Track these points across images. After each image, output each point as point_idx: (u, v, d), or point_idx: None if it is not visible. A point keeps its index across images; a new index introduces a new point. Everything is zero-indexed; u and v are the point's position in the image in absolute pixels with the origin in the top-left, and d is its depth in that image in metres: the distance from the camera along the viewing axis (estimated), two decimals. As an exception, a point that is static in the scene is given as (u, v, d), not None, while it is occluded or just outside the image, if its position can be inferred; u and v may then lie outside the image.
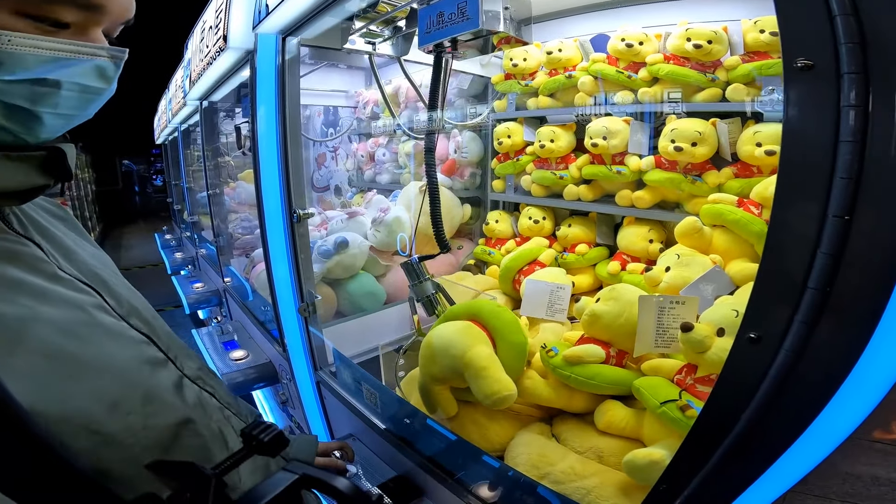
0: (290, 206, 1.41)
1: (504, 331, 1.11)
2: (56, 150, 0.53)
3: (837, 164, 0.42)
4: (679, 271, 1.18)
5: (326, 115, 2.90)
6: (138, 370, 0.54)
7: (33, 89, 0.48)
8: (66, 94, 0.51)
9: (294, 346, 1.61)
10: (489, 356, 1.04)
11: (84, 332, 0.50)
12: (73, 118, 0.54)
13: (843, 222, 0.42)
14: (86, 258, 0.61)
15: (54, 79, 0.49)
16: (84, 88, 0.52)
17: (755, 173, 1.25)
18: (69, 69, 0.50)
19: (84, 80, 0.52)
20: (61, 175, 0.54)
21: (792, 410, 0.51)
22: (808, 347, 0.46)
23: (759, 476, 0.58)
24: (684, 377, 0.91)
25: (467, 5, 0.93)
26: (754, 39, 1.24)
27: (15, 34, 0.45)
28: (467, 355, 1.04)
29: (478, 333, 1.11)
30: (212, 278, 3.34)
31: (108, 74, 0.54)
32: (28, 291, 0.49)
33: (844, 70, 0.41)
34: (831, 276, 0.43)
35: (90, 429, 0.46)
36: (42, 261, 0.53)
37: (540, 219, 1.76)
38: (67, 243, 0.60)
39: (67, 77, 0.50)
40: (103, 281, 0.60)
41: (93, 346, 0.50)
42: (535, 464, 0.98)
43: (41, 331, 0.47)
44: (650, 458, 0.83)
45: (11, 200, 0.52)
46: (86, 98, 0.53)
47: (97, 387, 0.48)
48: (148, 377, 0.54)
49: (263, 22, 1.27)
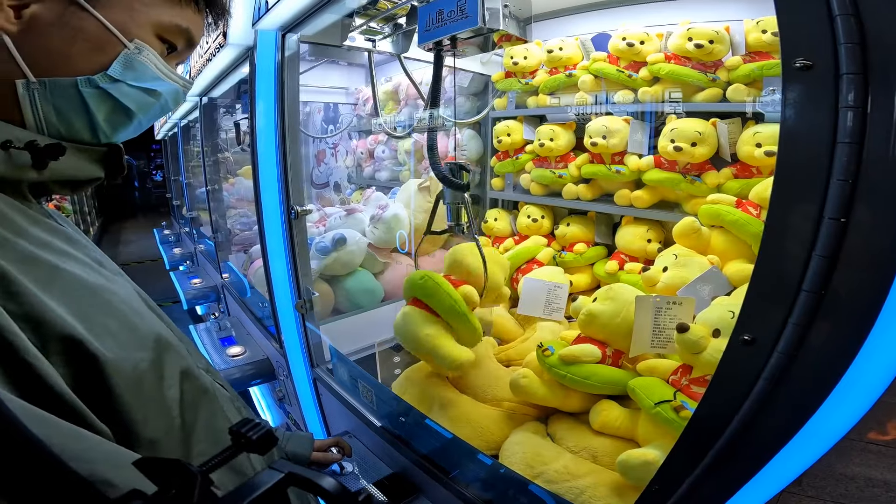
0: (289, 202, 1.41)
1: (439, 306, 1.19)
2: (114, 147, 0.58)
3: (834, 165, 0.41)
4: (676, 271, 1.17)
5: (326, 111, 2.89)
6: (177, 346, 0.56)
7: (143, 96, 0.57)
8: (157, 107, 0.60)
9: (291, 343, 1.61)
10: (433, 335, 1.16)
11: (137, 307, 0.54)
12: (142, 128, 0.61)
13: (838, 224, 0.42)
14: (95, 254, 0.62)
15: (160, 91, 0.58)
16: (165, 105, 0.61)
17: (754, 174, 1.25)
18: (165, 87, 0.59)
19: (169, 98, 0.61)
20: (116, 170, 0.59)
21: (785, 412, 0.51)
22: (802, 350, 0.46)
23: (752, 477, 0.58)
24: (679, 378, 0.91)
25: (467, 3, 0.93)
26: (756, 40, 1.23)
27: (152, 51, 0.56)
28: (418, 342, 1.18)
29: (418, 316, 1.21)
30: (210, 274, 3.33)
31: (179, 99, 0.63)
32: (82, 263, 0.51)
33: (843, 70, 0.40)
34: (826, 279, 0.43)
35: (150, 396, 0.49)
36: (83, 245, 0.56)
37: (538, 217, 1.75)
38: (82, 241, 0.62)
39: (165, 93, 0.59)
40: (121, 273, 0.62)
41: (146, 317, 0.54)
42: (530, 463, 0.98)
43: (115, 300, 0.50)
44: (644, 459, 0.83)
45: (64, 189, 0.56)
46: (161, 113, 0.62)
47: (153, 357, 0.51)
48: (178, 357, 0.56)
49: (263, 18, 1.27)
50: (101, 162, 0.57)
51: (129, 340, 0.49)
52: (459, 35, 1.00)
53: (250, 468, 0.61)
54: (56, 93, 0.51)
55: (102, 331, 0.46)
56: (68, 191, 0.57)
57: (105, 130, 0.56)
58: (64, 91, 0.51)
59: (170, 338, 0.56)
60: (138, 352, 0.49)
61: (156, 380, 0.50)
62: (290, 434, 1.02)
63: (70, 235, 0.54)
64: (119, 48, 0.53)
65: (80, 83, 0.51)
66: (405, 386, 1.30)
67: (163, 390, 0.51)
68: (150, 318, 0.55)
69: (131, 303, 0.53)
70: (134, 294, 0.57)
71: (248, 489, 0.30)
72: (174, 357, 0.54)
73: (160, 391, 0.50)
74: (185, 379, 0.54)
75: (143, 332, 0.51)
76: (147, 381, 0.49)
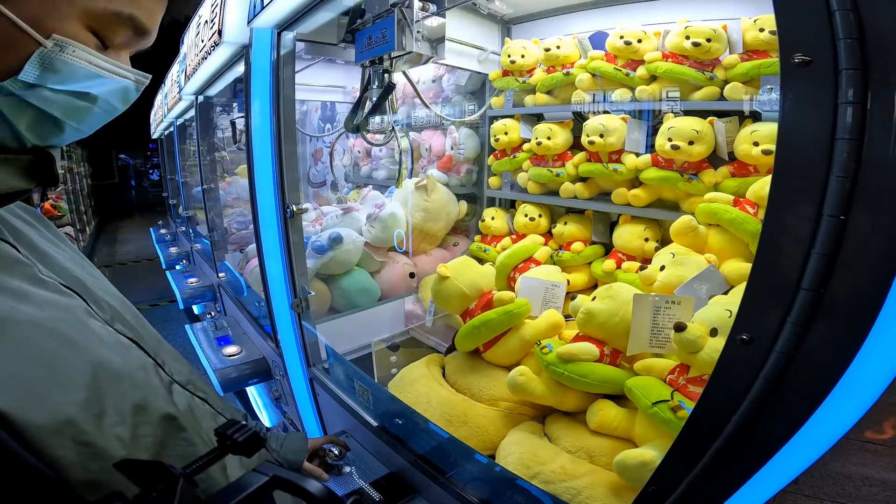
0: (284, 201, 1.40)
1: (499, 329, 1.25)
2: (43, 154, 0.50)
3: (834, 162, 0.41)
4: (674, 270, 1.17)
5: (323, 110, 2.88)
6: (130, 376, 0.51)
7: (73, 102, 0.49)
8: (96, 111, 0.51)
9: (287, 343, 1.60)
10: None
11: (72, 335, 0.47)
12: (82, 133, 0.53)
13: (838, 222, 0.41)
14: (64, 262, 0.58)
15: (94, 94, 0.49)
16: (108, 107, 0.53)
17: (752, 172, 1.24)
18: (105, 87, 0.50)
19: (112, 98, 0.52)
20: (46, 180, 0.51)
21: (783, 413, 0.50)
22: (800, 349, 0.45)
23: (749, 478, 0.58)
24: (676, 377, 0.91)
25: (388, 31, 1.13)
26: (754, 38, 1.23)
27: (80, 46, 0.46)
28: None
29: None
30: (206, 273, 3.32)
31: (129, 97, 0.55)
32: (11, 294, 0.45)
33: (843, 66, 0.40)
34: (825, 278, 0.42)
35: (79, 440, 0.42)
36: (20, 262, 0.49)
37: (536, 216, 1.75)
38: (44, 247, 0.57)
39: (103, 94, 0.51)
40: (84, 285, 0.57)
41: (81, 349, 0.47)
42: (526, 463, 0.98)
43: (24, 331, 0.44)
44: (641, 459, 0.82)
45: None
46: (104, 117, 0.54)
47: (88, 396, 0.45)
48: (142, 383, 0.52)
49: (258, 16, 1.26)
50: (28, 172, 0.50)
51: (49, 383, 0.43)
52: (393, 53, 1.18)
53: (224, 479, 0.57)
54: None
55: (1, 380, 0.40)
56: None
57: (31, 140, 0.48)
58: None
59: (121, 365, 0.50)
60: (63, 394, 0.43)
61: (91, 419, 0.44)
62: (284, 436, 1.00)
63: (9, 255, 0.48)
64: (31, 47, 0.44)
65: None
66: (401, 385, 1.30)
67: (102, 429, 0.45)
68: (92, 345, 0.49)
69: (65, 332, 0.47)
70: (76, 317, 0.50)
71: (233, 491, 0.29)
72: (124, 389, 0.48)
73: (99, 430, 0.45)
74: (139, 412, 0.49)
75: (75, 366, 0.45)
76: (76, 425, 0.43)
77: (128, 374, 0.50)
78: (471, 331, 1.24)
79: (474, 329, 1.23)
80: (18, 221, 0.58)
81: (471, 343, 1.27)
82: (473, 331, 1.23)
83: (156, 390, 0.54)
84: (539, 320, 1.25)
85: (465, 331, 1.26)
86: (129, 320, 0.59)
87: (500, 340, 1.24)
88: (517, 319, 1.23)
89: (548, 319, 1.24)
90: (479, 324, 1.22)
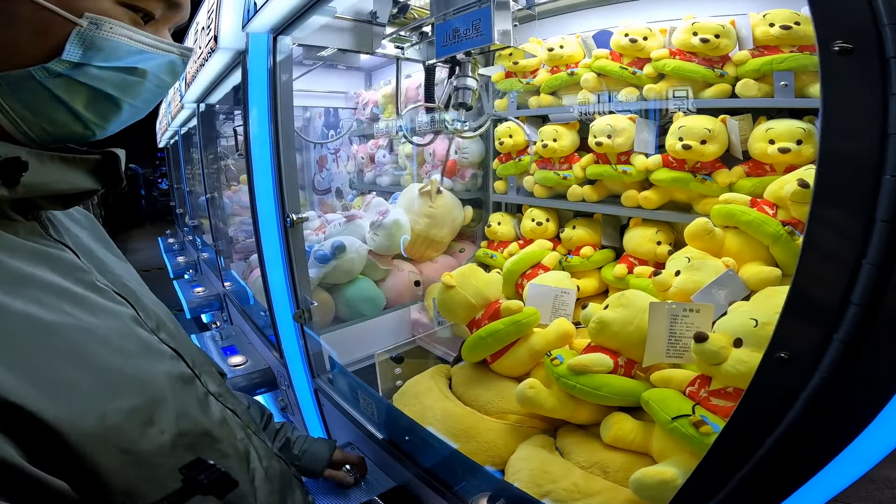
0: (284, 210, 1.37)
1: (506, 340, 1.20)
2: (110, 154, 0.52)
3: (886, 160, 0.36)
4: (690, 275, 1.12)
5: (327, 116, 2.86)
6: (172, 386, 0.52)
7: (124, 77, 0.50)
8: (148, 86, 0.52)
9: (291, 353, 1.58)
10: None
11: (125, 345, 0.49)
12: (141, 112, 0.54)
13: (893, 227, 0.36)
14: (115, 269, 0.59)
15: (143, 69, 0.51)
16: (159, 82, 0.53)
17: (768, 172, 1.20)
18: (152, 62, 0.51)
19: (161, 73, 0.53)
20: (112, 181, 0.53)
21: (823, 437, 0.46)
22: (848, 370, 0.40)
23: (781, 502, 0.53)
24: (697, 390, 0.86)
25: (481, 23, 1.02)
26: (764, 33, 1.18)
27: (116, 23, 0.47)
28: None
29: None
30: (213, 282, 3.31)
31: (177, 70, 0.55)
32: (71, 299, 0.47)
33: (890, 54, 0.35)
34: (879, 291, 0.38)
35: (122, 447, 0.43)
36: (80, 269, 0.51)
37: (543, 220, 1.71)
38: (100, 253, 0.59)
39: (151, 69, 0.52)
40: (134, 293, 0.58)
41: (133, 359, 0.49)
42: (537, 480, 0.93)
43: (76, 337, 0.45)
44: (660, 478, 0.77)
45: (55, 205, 0.51)
46: (157, 92, 0.54)
47: (135, 403, 0.46)
48: (181, 394, 0.52)
49: (252, 21, 1.23)
50: (95, 172, 0.52)
51: (98, 389, 0.44)
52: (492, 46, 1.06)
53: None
54: (15, 87, 0.45)
55: (52, 386, 0.41)
56: (60, 206, 0.51)
57: (93, 121, 0.50)
58: (23, 84, 0.45)
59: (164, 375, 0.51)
60: (111, 401, 0.44)
61: (138, 427, 0.45)
62: (310, 441, 0.99)
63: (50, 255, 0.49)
64: (68, 27, 0.45)
65: (35, 74, 0.45)
66: (407, 398, 1.26)
67: (148, 437, 0.46)
68: (139, 353, 0.50)
69: (115, 340, 0.48)
70: (126, 326, 0.51)
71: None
72: (167, 398, 0.50)
73: (144, 439, 0.46)
74: (181, 422, 0.50)
75: (123, 375, 0.46)
76: (121, 433, 0.44)
77: (171, 385, 0.51)
78: (477, 342, 1.20)
79: (481, 340, 1.19)
80: (76, 226, 0.59)
81: (478, 354, 1.23)
82: (480, 342, 1.19)
83: (194, 402, 0.55)
84: (549, 329, 1.21)
85: (471, 342, 1.22)
86: (171, 329, 0.60)
87: (509, 351, 1.20)
88: (526, 329, 1.19)
89: (558, 328, 1.20)
90: (486, 335, 1.18)
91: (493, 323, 1.20)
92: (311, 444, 0.98)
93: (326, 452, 1.01)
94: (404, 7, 1.27)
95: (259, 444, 0.67)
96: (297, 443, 0.97)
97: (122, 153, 0.54)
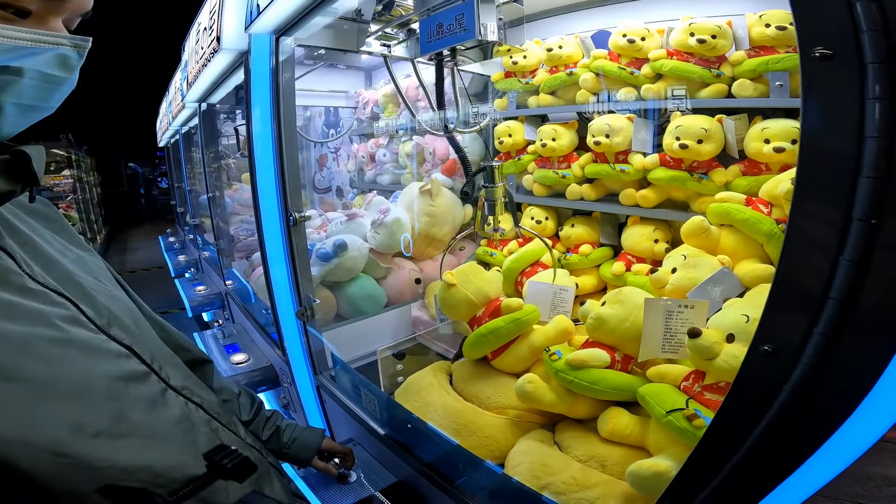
0: (287, 209, 1.39)
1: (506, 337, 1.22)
2: (19, 154, 0.50)
3: (863, 162, 0.38)
4: (686, 272, 1.14)
5: (327, 115, 2.88)
6: (109, 388, 0.51)
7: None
8: (29, 83, 0.49)
9: (294, 351, 1.59)
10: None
11: (49, 351, 0.48)
12: (35, 109, 0.51)
13: (868, 226, 0.38)
14: (67, 265, 0.58)
15: (16, 66, 0.47)
16: (46, 78, 0.50)
17: (763, 171, 1.21)
18: (32, 58, 0.48)
19: (47, 68, 0.50)
20: (27, 180, 0.51)
21: (807, 427, 0.48)
22: (829, 361, 0.42)
23: (770, 492, 0.55)
24: (691, 384, 0.88)
25: (465, 17, 0.99)
26: (760, 34, 1.20)
27: None
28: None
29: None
30: (214, 281, 3.33)
31: (70, 63, 0.52)
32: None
33: (868, 60, 0.37)
34: (856, 286, 0.39)
35: (55, 451, 0.43)
36: (11, 272, 0.50)
37: (542, 219, 1.72)
38: (47, 250, 0.58)
39: (30, 66, 0.48)
40: (83, 290, 0.57)
41: (58, 365, 0.48)
42: (536, 473, 0.95)
43: (8, 351, 0.44)
44: (655, 469, 0.80)
45: None
46: (48, 88, 0.51)
47: (60, 408, 0.45)
48: (122, 394, 0.52)
49: (256, 22, 1.25)
50: (7, 174, 0.50)
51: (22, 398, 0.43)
52: (459, 46, 1.05)
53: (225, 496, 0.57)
54: None
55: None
56: None
57: None
58: None
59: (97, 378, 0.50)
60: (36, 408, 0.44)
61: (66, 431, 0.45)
62: (300, 430, 0.99)
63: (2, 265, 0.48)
64: None
65: None
66: (408, 394, 1.28)
67: (80, 440, 0.46)
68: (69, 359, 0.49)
69: (39, 346, 0.47)
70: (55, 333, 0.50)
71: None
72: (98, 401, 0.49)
73: (76, 441, 0.46)
74: (117, 423, 0.50)
75: (45, 382, 0.46)
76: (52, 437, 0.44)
77: (108, 386, 0.50)
78: (478, 339, 1.22)
79: (482, 338, 1.21)
80: (26, 225, 0.58)
81: (479, 351, 1.24)
82: (481, 339, 1.21)
83: (139, 402, 0.54)
84: (548, 327, 1.22)
85: (472, 339, 1.24)
86: (128, 325, 0.59)
87: (509, 348, 1.22)
88: (526, 327, 1.20)
89: (557, 325, 1.22)
90: (487, 332, 1.20)
91: (494, 320, 1.22)
92: (301, 433, 0.98)
93: (315, 441, 1.00)
94: (389, 4, 1.26)
95: (229, 436, 0.66)
96: (286, 431, 0.96)
97: (36, 151, 0.52)
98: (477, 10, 0.97)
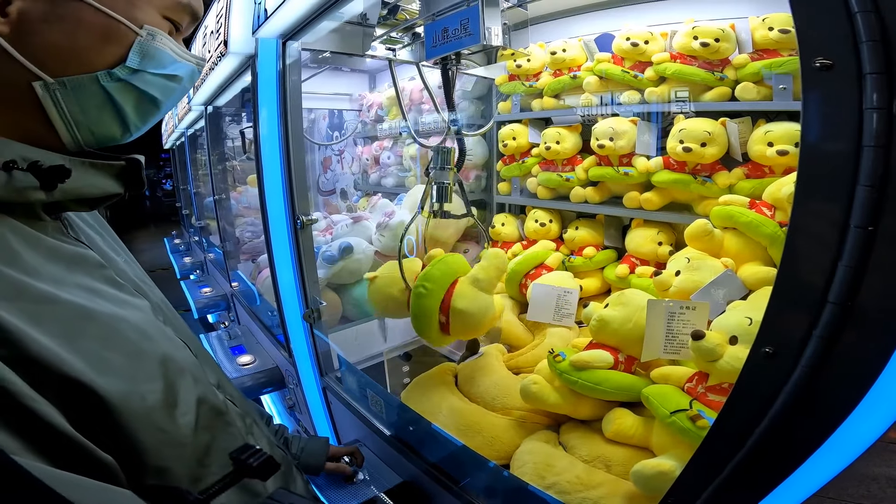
0: (294, 212, 1.40)
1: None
2: (133, 161, 0.56)
3: (860, 170, 0.39)
4: (689, 275, 1.15)
5: (331, 118, 2.90)
6: (192, 372, 0.55)
7: (165, 83, 0.56)
8: (179, 89, 0.59)
9: (300, 352, 1.61)
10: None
11: (148, 330, 0.51)
12: (164, 113, 0.60)
13: (865, 233, 0.39)
14: (124, 268, 0.62)
15: (179, 75, 0.57)
16: (184, 89, 0.60)
17: (767, 174, 1.22)
18: (184, 69, 0.58)
19: (187, 80, 0.59)
20: (134, 185, 0.57)
21: (807, 427, 0.49)
22: (827, 363, 0.43)
23: (771, 490, 0.56)
24: (695, 385, 0.89)
25: (469, 22, 1.00)
26: (763, 37, 1.21)
27: (164, 35, 0.54)
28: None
29: None
30: (220, 283, 3.35)
31: (195, 78, 0.61)
32: (90, 291, 0.49)
33: (866, 70, 0.38)
34: (853, 290, 0.41)
35: (158, 426, 0.46)
36: (101, 266, 0.54)
37: (546, 221, 1.73)
38: (111, 254, 0.62)
39: (184, 75, 0.58)
40: (143, 289, 0.60)
41: (156, 344, 0.51)
42: (541, 473, 0.96)
43: (110, 323, 0.47)
44: (659, 469, 0.80)
45: (82, 207, 0.54)
46: (180, 96, 0.61)
47: (164, 385, 0.49)
48: (201, 379, 0.55)
49: (263, 26, 1.27)
50: (119, 177, 0.55)
51: (137, 372, 0.47)
52: (463, 50, 1.06)
53: (262, 488, 0.60)
54: (79, 91, 0.49)
55: (104, 365, 0.44)
56: (86, 207, 0.55)
57: (135, 122, 0.55)
58: (86, 88, 0.49)
59: (184, 361, 0.54)
60: (147, 383, 0.47)
61: (167, 408, 0.48)
62: (306, 439, 1.02)
63: (77, 255, 0.52)
64: (131, 37, 0.51)
65: (101, 78, 0.50)
66: (414, 395, 1.29)
67: (175, 419, 0.49)
68: (163, 341, 0.53)
69: (144, 328, 0.51)
70: (149, 317, 0.55)
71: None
72: (189, 382, 0.52)
73: (173, 420, 0.49)
74: (201, 404, 0.53)
75: (154, 359, 0.50)
76: (157, 412, 0.47)
77: (189, 371, 0.54)
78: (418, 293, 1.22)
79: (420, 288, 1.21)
80: (84, 225, 0.62)
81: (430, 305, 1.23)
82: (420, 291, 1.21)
83: (209, 387, 0.57)
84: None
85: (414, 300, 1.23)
86: (176, 324, 0.63)
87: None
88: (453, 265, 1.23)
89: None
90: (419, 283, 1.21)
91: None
92: (307, 443, 1.01)
93: (323, 448, 1.04)
94: (394, 8, 1.27)
95: (259, 432, 0.69)
96: (293, 442, 1.00)
97: (142, 159, 0.58)
98: (482, 15, 0.98)
